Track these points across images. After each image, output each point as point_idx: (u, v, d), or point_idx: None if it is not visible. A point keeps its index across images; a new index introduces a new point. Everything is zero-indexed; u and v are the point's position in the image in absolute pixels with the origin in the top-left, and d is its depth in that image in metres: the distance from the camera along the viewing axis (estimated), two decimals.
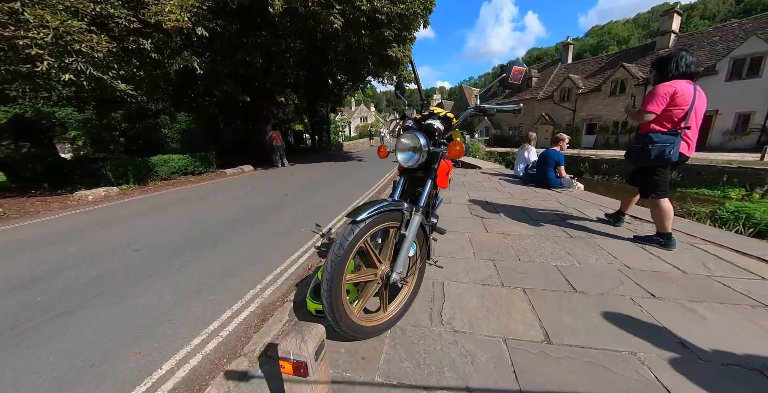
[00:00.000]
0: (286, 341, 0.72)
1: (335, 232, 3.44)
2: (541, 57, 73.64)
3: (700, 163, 11.00)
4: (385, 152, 1.71)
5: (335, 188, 6.20)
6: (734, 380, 1.10)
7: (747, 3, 38.38)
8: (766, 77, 14.09)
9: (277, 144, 10.31)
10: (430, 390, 1.10)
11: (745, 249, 2.25)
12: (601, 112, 22.18)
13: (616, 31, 64.75)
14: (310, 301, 1.56)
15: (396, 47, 8.13)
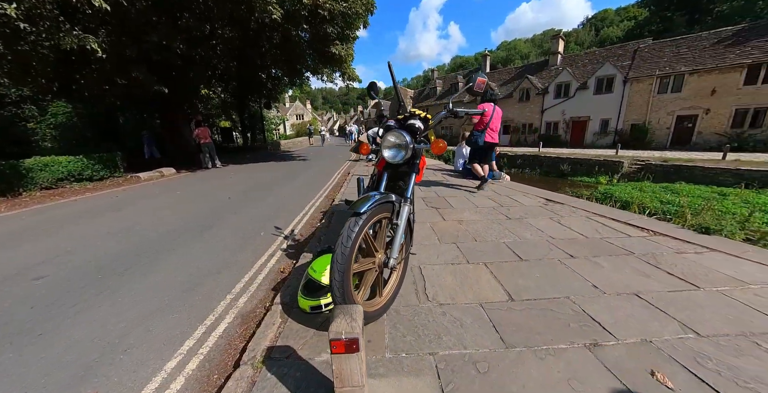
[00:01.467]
0: (337, 323, 0.79)
1: (299, 233, 3.34)
2: (463, 64, 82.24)
3: (581, 157, 14.09)
4: (367, 149, 1.80)
5: (286, 189, 5.89)
6: (625, 301, 1.60)
7: (602, 36, 50.77)
8: (617, 92, 18.94)
9: (206, 142, 9.10)
10: (435, 354, 1.28)
11: (616, 217, 3.13)
12: (514, 116, 26.14)
13: (519, 48, 77.06)
14: (303, 299, 1.56)
15: (339, 45, 8.07)
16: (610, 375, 1.16)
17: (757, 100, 14.28)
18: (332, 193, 5.46)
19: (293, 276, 2.05)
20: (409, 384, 1.13)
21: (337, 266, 1.18)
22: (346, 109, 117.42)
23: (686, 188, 9.65)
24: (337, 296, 1.20)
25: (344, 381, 0.82)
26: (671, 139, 17.22)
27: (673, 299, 1.65)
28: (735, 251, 2.27)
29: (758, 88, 14.14)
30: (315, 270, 1.57)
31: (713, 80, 15.35)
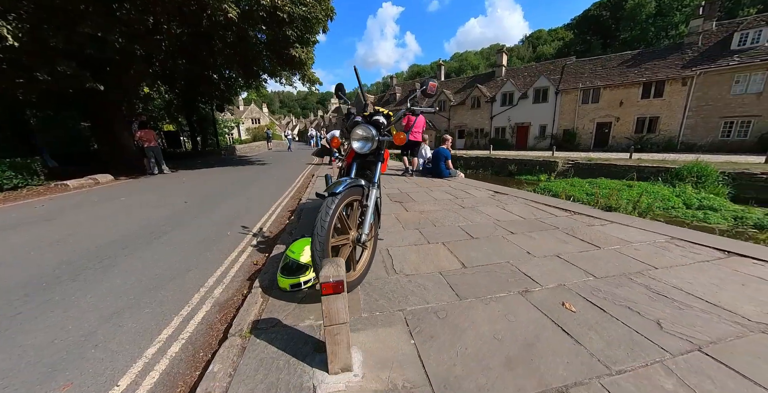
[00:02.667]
0: (326, 269, 0.98)
1: (268, 230, 3.36)
2: (420, 72, 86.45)
3: (525, 158, 15.85)
4: (338, 142, 1.99)
5: (248, 192, 5.72)
6: (549, 260, 2.04)
7: (538, 52, 57.95)
8: (551, 102, 21.73)
9: (151, 145, 8.31)
10: (404, 310, 1.53)
11: (548, 203, 3.77)
12: (467, 121, 28.23)
13: (470, 59, 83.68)
14: (283, 278, 1.69)
15: (299, 48, 8.06)
16: (534, 308, 1.53)
17: (650, 111, 17.66)
18: (298, 194, 5.47)
19: (270, 264, 2.14)
20: (384, 333, 1.36)
21: (317, 238, 1.36)
22: (305, 113, 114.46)
23: (604, 182, 11.56)
24: (317, 263, 1.38)
25: (332, 319, 1.01)
26: (593, 142, 20.29)
27: (582, 257, 2.14)
28: (626, 222, 2.95)
29: (650, 101, 17.51)
30: (293, 251, 1.72)
31: (620, 94, 18.58)
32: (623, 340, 1.30)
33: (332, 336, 1.03)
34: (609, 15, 41.82)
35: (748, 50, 14.85)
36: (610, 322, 1.41)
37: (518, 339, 1.30)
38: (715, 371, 1.12)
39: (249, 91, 15.38)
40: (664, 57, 17.55)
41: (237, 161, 13.24)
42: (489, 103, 26.00)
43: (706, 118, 16.06)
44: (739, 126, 15.32)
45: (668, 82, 16.66)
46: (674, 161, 11.81)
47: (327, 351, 1.05)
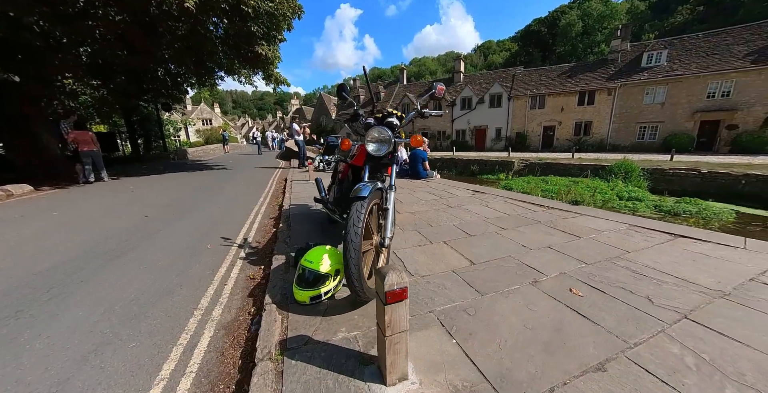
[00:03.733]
0: (390, 277, 0.94)
1: (255, 240, 3.11)
2: (381, 76, 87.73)
3: (485, 159, 17.04)
4: (349, 144, 1.91)
5: (215, 201, 5.21)
6: (543, 252, 2.23)
7: (489, 61, 62.96)
8: (505, 107, 23.70)
9: (88, 149, 7.11)
10: (434, 311, 1.54)
11: (523, 199, 4.11)
12: (430, 124, 29.36)
13: (428, 64, 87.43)
14: (300, 290, 1.58)
15: (265, 45, 7.59)
16: (548, 297, 1.66)
17: (585, 116, 20.32)
18: (275, 200, 5.15)
19: (274, 277, 1.98)
20: (424, 336, 1.36)
21: (352, 245, 1.31)
22: (261, 114, 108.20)
23: (554, 179, 12.99)
24: (353, 274, 1.32)
25: (393, 328, 0.98)
26: (541, 143, 22.63)
27: (569, 246, 2.38)
28: (591, 213, 3.35)
29: (585, 108, 20.17)
30: (311, 261, 1.62)
31: (561, 101, 21.05)
32: (628, 316, 1.48)
33: (393, 346, 1.00)
34: (547, 31, 47.23)
35: (653, 68, 17.98)
36: (613, 302, 1.60)
37: (546, 326, 1.40)
38: (703, 334, 1.34)
39: (202, 89, 14.01)
40: (594, 70, 20.37)
41: (192, 166, 11.99)
42: (450, 107, 27.40)
43: (627, 124, 19.01)
44: (650, 130, 18.43)
45: (598, 92, 19.37)
46: (606, 160, 13.71)
47: (386, 361, 1.02)
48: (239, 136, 49.68)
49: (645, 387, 1.07)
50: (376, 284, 0.98)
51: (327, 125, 38.73)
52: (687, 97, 16.84)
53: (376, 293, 1.00)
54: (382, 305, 0.95)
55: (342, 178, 2.49)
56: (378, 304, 1.00)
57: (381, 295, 0.95)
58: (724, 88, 15.91)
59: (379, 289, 0.96)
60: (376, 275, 0.98)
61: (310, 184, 5.83)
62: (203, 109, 42.19)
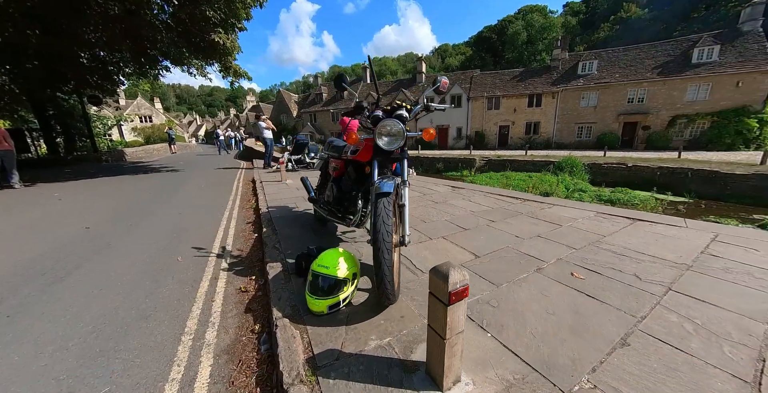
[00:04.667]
0: (454, 275, 0.87)
1: (236, 248, 2.79)
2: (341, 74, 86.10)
3: (449, 157, 17.83)
4: (356, 138, 1.78)
5: (173, 207, 4.59)
6: (535, 240, 2.36)
7: (446, 63, 66.10)
8: (464, 107, 25.03)
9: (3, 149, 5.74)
10: None
11: (500, 193, 4.36)
12: None
13: (388, 64, 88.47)
14: (316, 300, 1.43)
15: (222, 34, 6.85)
16: (556, 282, 1.75)
17: (534, 117, 22.44)
18: (247, 203, 4.72)
19: (277, 287, 1.77)
20: None
21: (384, 245, 1.22)
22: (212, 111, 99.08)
23: (513, 174, 14.09)
24: (386, 275, 1.23)
25: (453, 329, 0.92)
26: (498, 142, 24.41)
27: (555, 234, 2.57)
28: (562, 203, 3.68)
29: (534, 109, 22.26)
30: (326, 266, 1.47)
31: (514, 103, 22.92)
32: (627, 292, 1.63)
33: (451, 348, 0.94)
34: (497, 38, 51.02)
35: (587, 75, 20.55)
36: (610, 282, 1.75)
37: (565, 310, 1.48)
38: (688, 302, 1.53)
39: (141, 80, 12.26)
40: (540, 75, 22.56)
41: (133, 169, 10.46)
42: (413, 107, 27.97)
43: (567, 124, 21.45)
44: (586, 130, 21.04)
45: (544, 95, 21.51)
46: (554, 156, 15.30)
47: (442, 366, 0.96)
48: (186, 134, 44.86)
49: (665, 354, 1.17)
50: (434, 284, 0.91)
51: (288, 124, 36.94)
52: (613, 101, 19.59)
53: (431, 294, 0.94)
54: (443, 306, 0.89)
55: (338, 176, 2.35)
56: (434, 306, 0.93)
57: (441, 295, 0.89)
58: (639, 95, 18.86)
59: (438, 289, 0.90)
60: (434, 274, 0.91)
61: (284, 185, 5.46)
62: (141, 105, 37.06)
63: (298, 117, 37.24)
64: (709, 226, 2.82)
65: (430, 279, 0.93)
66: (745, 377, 1.06)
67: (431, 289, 0.94)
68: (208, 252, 2.67)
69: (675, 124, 18.14)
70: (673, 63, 18.14)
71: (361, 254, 2.21)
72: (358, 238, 2.54)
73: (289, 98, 39.29)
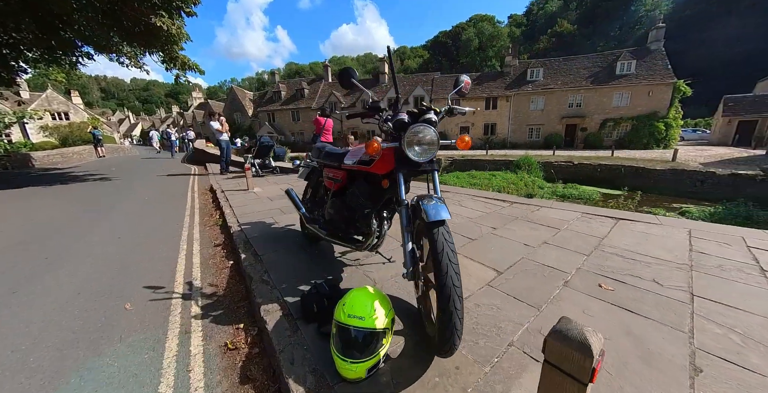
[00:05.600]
0: (594, 343, 0.64)
1: (208, 283, 2.25)
2: (299, 71, 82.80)
3: None
4: (378, 147, 1.44)
5: (109, 228, 3.71)
6: (546, 248, 2.30)
7: (405, 65, 67.62)
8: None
9: None
10: (512, 343, 1.32)
11: (487, 196, 4.36)
12: (358, 123, 29.38)
13: (348, 63, 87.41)
14: (350, 363, 1.08)
15: (166, 18, 5.77)
16: (590, 297, 1.67)
17: (491, 119, 23.97)
18: (209, 219, 4.02)
19: (283, 345, 1.36)
20: (531, 381, 1.11)
21: (454, 292, 0.96)
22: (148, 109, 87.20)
23: (477, 173, 14.80)
24: (458, 328, 0.97)
25: None
26: None
27: (558, 239, 2.55)
28: (548, 205, 3.78)
29: (491, 111, 23.78)
30: (361, 316, 1.11)
31: (473, 104, 24.18)
32: (659, 302, 1.60)
33: None
34: (452, 43, 53.68)
35: (535, 81, 22.58)
36: (638, 291, 1.72)
37: (617, 332, 1.37)
38: (716, 307, 1.55)
39: (50, 68, 10.00)
40: (495, 80, 24.16)
41: (45, 178, 8.50)
42: None
43: (520, 125, 23.34)
44: (535, 131, 23.12)
45: (499, 99, 23.09)
46: (512, 155, 16.45)
47: None
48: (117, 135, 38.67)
49: (740, 378, 1.11)
50: (560, 353, 0.68)
51: (243, 123, 34.09)
52: (557, 105, 21.84)
53: (551, 366, 0.70)
54: (580, 386, 0.65)
55: (338, 190, 2.00)
56: (559, 384, 0.69)
57: (575, 370, 0.65)
58: (577, 100, 21.31)
59: (569, 361, 0.66)
60: (560, 341, 0.67)
61: (252, 195, 4.82)
62: (52, 98, 30.74)
63: (254, 116, 34.62)
64: (678, 222, 3.09)
65: (549, 346, 0.69)
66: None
67: (552, 359, 0.70)
68: (169, 292, 2.09)
69: (605, 127, 20.89)
70: (602, 73, 20.88)
71: (374, 282, 1.90)
72: (364, 259, 2.22)
73: (243, 96, 36.27)
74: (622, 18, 44.81)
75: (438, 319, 0.99)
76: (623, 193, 12.13)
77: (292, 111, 31.58)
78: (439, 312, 0.99)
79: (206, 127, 7.83)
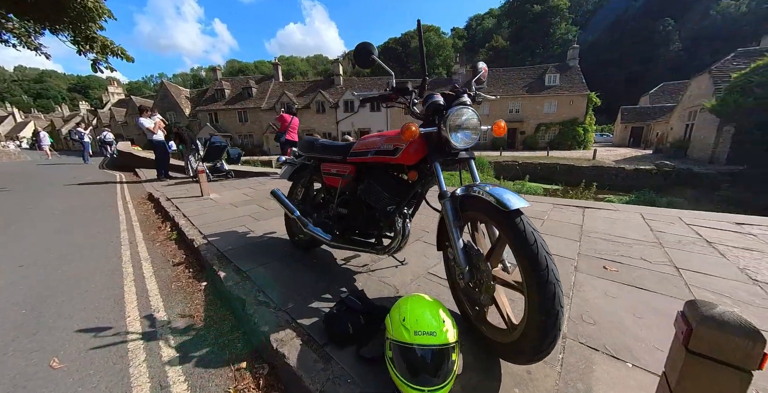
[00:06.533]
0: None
1: (171, 311, 1.77)
2: (242, 70, 76.68)
3: None
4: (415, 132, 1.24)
5: (11, 255, 2.78)
6: (552, 240, 2.40)
7: (357, 69, 67.85)
8: (384, 112, 26.07)
9: None
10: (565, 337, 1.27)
11: None
12: (314, 125, 28.42)
13: (297, 64, 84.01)
14: (429, 390, 0.87)
15: None
16: (603, 280, 1.74)
17: None
18: (156, 234, 3.29)
19: (316, 379, 1.07)
20: (607, 371, 1.06)
21: (558, 288, 0.84)
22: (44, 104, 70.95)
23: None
24: (559, 331, 0.85)
25: None
26: None
27: (547, 228, 2.70)
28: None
29: None
30: (430, 332, 0.92)
31: None
32: (659, 277, 1.75)
33: None
34: (402, 49, 55.74)
35: (480, 88, 24.69)
36: (636, 270, 1.86)
37: (642, 308, 1.44)
38: (700, 277, 1.75)
39: None
40: (444, 86, 25.70)
41: None
42: (333, 109, 27.44)
43: None
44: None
45: None
46: None
47: None
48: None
49: None
50: (715, 340, 0.61)
51: (179, 123, 30.05)
52: (500, 111, 24.21)
53: (707, 359, 0.63)
54: (746, 376, 0.59)
55: (345, 186, 1.76)
56: (718, 376, 0.62)
57: (741, 359, 0.59)
58: (516, 107, 23.96)
59: (732, 350, 0.60)
60: (720, 328, 0.60)
61: (209, 202, 4.15)
62: None
63: (192, 116, 30.81)
64: (630, 207, 3.55)
65: (700, 335, 0.62)
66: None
67: (702, 349, 0.62)
68: (121, 332, 1.57)
69: (539, 130, 23.89)
70: (534, 84, 23.89)
71: (396, 289, 1.71)
72: (373, 264, 2.00)
73: (177, 93, 31.97)
74: (543, 38, 52.29)
75: (537, 320, 0.87)
76: (560, 187, 13.84)
77: (239, 111, 29.00)
78: (537, 313, 0.86)
79: (131, 128, 6.57)
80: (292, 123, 6.52)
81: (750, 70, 11.31)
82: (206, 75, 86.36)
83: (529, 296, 0.89)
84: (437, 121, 1.30)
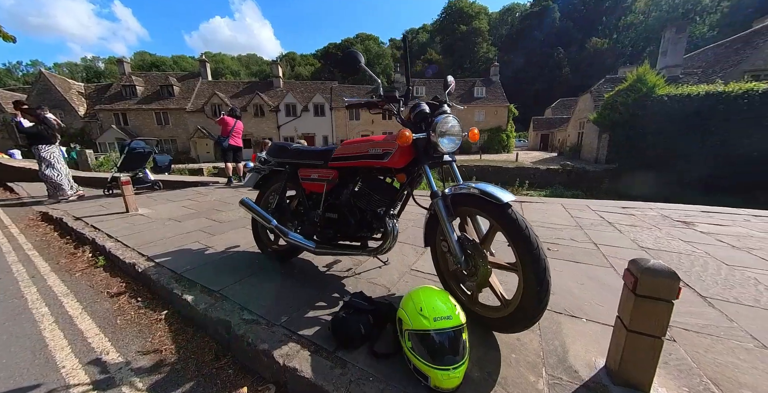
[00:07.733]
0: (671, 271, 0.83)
1: (126, 350, 1.48)
2: (156, 64, 66.13)
3: None
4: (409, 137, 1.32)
5: None
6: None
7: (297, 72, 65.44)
8: (328, 116, 25.73)
9: None
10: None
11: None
12: (253, 130, 26.32)
13: (227, 63, 76.38)
14: (450, 371, 0.96)
15: None
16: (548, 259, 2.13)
17: (389, 128, 26.38)
18: (74, 262, 2.64)
19: (350, 389, 1.05)
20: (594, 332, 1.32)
21: (547, 262, 1.06)
22: None
23: None
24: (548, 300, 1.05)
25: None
26: None
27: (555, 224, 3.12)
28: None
29: (387, 122, 26.15)
30: (445, 316, 1.02)
31: (371, 115, 25.92)
32: (585, 253, 2.22)
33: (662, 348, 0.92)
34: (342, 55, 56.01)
35: (419, 97, 26.50)
36: (570, 248, 2.32)
37: (581, 276, 1.81)
38: (615, 250, 2.29)
39: None
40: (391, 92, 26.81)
41: None
42: (274, 113, 25.92)
43: None
44: None
45: None
46: None
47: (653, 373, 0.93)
48: None
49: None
50: (652, 284, 0.86)
51: (71, 125, 24.11)
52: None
53: (642, 297, 0.88)
54: (668, 305, 0.86)
55: (330, 191, 1.76)
56: (648, 307, 0.88)
57: (664, 293, 0.86)
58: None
59: (659, 288, 0.86)
60: (651, 275, 0.86)
61: (140, 218, 3.52)
62: None
63: (89, 115, 25.15)
64: (553, 200, 4.34)
65: (643, 281, 0.88)
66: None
67: (644, 292, 0.88)
68: (62, 388, 1.25)
69: None
70: (465, 95, 26.80)
71: (387, 288, 1.78)
72: (357, 268, 2.02)
73: (66, 87, 25.65)
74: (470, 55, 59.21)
75: (533, 292, 1.05)
76: None
77: (157, 112, 24.93)
78: (533, 285, 1.05)
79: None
80: (236, 127, 6.01)
81: (615, 92, 14.96)
82: (106, 67, 71.68)
83: (525, 272, 1.08)
84: (424, 127, 1.43)
